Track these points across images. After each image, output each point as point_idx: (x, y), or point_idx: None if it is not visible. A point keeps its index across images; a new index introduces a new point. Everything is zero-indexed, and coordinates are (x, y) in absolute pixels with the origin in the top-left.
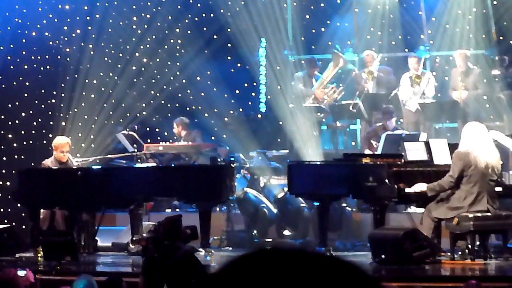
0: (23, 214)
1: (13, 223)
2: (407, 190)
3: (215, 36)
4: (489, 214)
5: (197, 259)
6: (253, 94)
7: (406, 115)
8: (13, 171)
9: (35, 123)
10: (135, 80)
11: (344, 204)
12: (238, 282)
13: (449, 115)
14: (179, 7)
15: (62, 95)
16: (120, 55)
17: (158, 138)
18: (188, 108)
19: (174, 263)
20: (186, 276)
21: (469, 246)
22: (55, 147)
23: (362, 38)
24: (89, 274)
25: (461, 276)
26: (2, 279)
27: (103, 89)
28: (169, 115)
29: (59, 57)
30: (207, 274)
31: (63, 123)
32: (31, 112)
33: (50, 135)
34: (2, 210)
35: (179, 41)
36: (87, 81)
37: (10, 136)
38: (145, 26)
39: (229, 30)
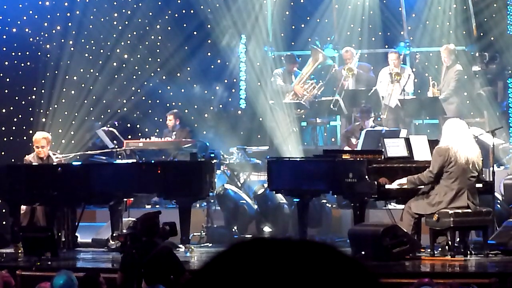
0: (3, 210)
1: None
2: (388, 186)
3: (195, 33)
4: (469, 210)
5: (175, 255)
6: (233, 90)
7: (386, 111)
8: None
9: (15, 119)
10: (115, 76)
11: (324, 200)
12: (237, 272)
13: (429, 111)
14: (159, 3)
15: (43, 91)
16: (101, 51)
17: (139, 134)
18: (168, 104)
19: (152, 259)
20: (164, 272)
21: (449, 242)
22: (33, 143)
23: (342, 34)
24: (69, 270)
25: (441, 272)
26: None
27: (83, 85)
28: (149, 111)
29: (39, 53)
30: (185, 270)
31: (43, 119)
32: (11, 108)
33: (31, 131)
34: None
35: (159, 37)
36: (67, 77)
37: None
38: (126, 22)
39: (209, 26)
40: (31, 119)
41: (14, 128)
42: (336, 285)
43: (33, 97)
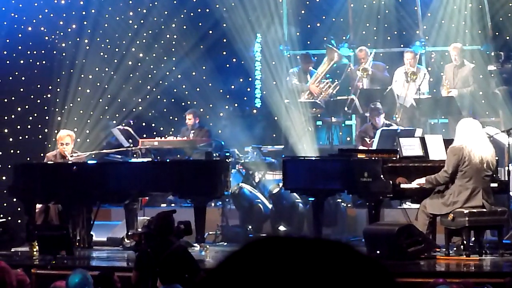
0: (19, 209)
1: (9, 218)
2: (403, 185)
3: (210, 31)
4: (484, 210)
5: (190, 254)
6: (248, 89)
7: (401, 111)
8: (9, 166)
9: (30, 118)
10: (130, 75)
11: (339, 200)
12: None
13: (444, 110)
14: (175, 2)
15: (58, 90)
16: (116, 50)
17: (154, 133)
18: (183, 103)
19: (167, 258)
20: (179, 271)
21: (464, 242)
22: (57, 140)
23: (358, 33)
24: (84, 268)
25: (456, 272)
26: None
27: (98, 84)
28: (164, 110)
29: (54, 52)
30: (199, 269)
31: (59, 118)
32: (27, 107)
33: (46, 130)
34: None
35: (175, 36)
36: (82, 76)
37: (6, 130)
38: (141, 21)
39: (224, 25)
40: (47, 117)
41: (29, 126)
42: (352, 284)
43: (49, 95)
